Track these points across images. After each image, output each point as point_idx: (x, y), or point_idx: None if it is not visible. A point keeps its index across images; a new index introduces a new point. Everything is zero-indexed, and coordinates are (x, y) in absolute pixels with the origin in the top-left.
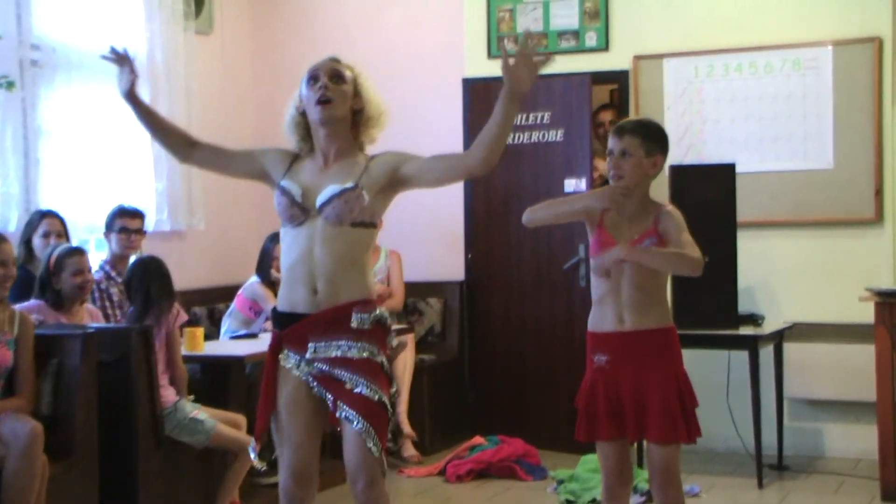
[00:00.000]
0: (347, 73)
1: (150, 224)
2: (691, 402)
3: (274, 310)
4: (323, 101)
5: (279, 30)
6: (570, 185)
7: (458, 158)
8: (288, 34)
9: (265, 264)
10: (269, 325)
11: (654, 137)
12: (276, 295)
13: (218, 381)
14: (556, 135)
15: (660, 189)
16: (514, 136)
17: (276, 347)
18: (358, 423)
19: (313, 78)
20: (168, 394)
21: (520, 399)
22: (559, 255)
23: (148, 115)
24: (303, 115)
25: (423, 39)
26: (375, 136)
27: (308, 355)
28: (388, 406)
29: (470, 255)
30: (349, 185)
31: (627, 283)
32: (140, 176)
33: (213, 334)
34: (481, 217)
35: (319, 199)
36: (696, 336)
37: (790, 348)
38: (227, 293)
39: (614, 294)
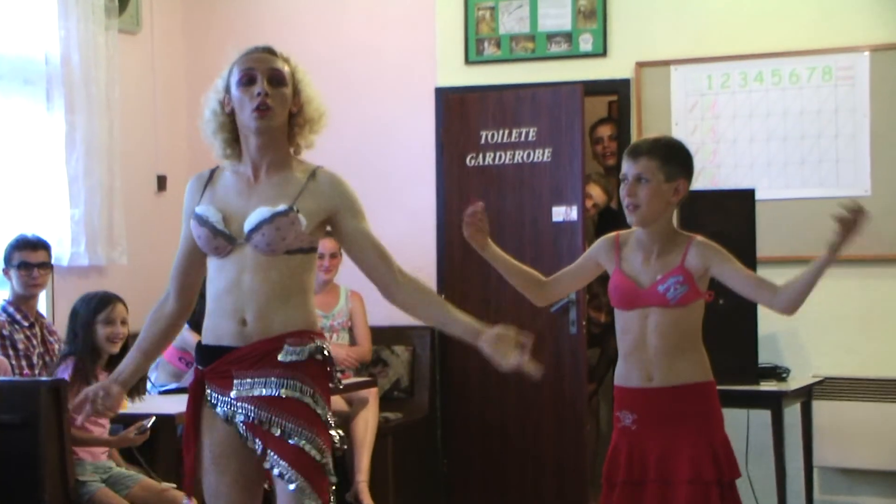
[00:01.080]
0: (286, 71)
1: (64, 257)
2: (731, 473)
3: (197, 345)
4: (261, 109)
5: (218, 28)
6: (560, 213)
7: (389, 273)
8: (228, 33)
9: (197, 307)
10: None
11: (675, 159)
12: None
13: (143, 444)
14: (543, 154)
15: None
16: (494, 156)
17: (197, 388)
18: (292, 479)
19: (248, 78)
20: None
21: (500, 466)
22: None
23: None
24: (229, 114)
25: (389, 43)
26: (313, 142)
27: (233, 394)
28: (328, 467)
29: (443, 297)
30: (281, 207)
31: (654, 332)
32: (52, 201)
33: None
34: (456, 252)
35: (247, 225)
36: None
37: (820, 407)
38: None
39: (640, 347)
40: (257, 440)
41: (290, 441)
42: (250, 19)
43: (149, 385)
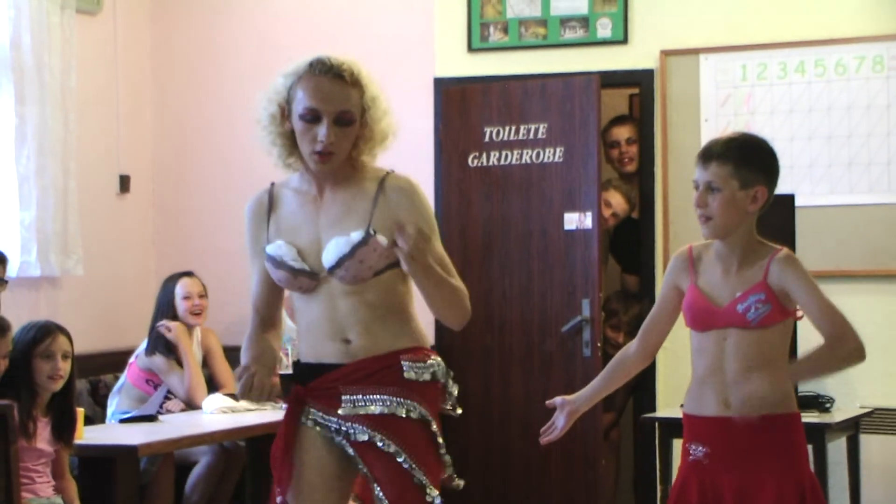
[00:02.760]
0: (355, 104)
1: (12, 267)
2: None
3: (296, 363)
4: (323, 154)
5: (189, 10)
6: (573, 221)
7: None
8: (200, 16)
9: (167, 313)
10: (171, 404)
11: (752, 162)
12: (179, 363)
13: (101, 479)
14: (553, 154)
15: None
16: (499, 156)
17: (295, 407)
18: None
19: (312, 116)
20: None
21: (502, 501)
22: (556, 313)
23: None
24: (289, 127)
25: (382, 28)
26: (377, 156)
27: (341, 411)
28: (432, 498)
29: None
30: (358, 236)
31: (733, 356)
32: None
33: (97, 416)
34: (456, 263)
35: (326, 261)
36: None
37: (868, 442)
38: (115, 361)
39: (716, 371)
40: (363, 466)
41: (403, 464)
42: (224, 2)
43: (108, 411)
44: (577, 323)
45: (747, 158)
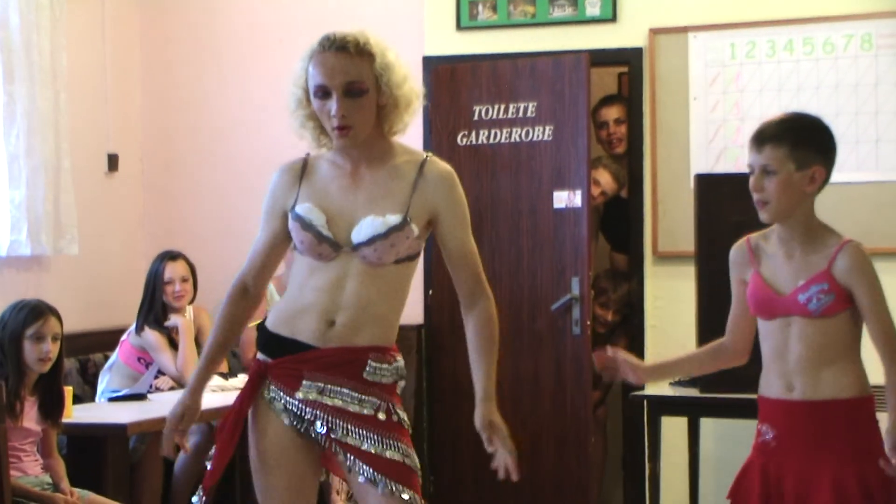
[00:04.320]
0: (364, 75)
1: (2, 247)
2: (884, 501)
3: (263, 329)
4: (341, 129)
5: None
6: (562, 199)
7: (467, 297)
8: None
9: (155, 296)
10: (161, 381)
11: (808, 142)
12: (170, 342)
13: (90, 458)
14: (543, 133)
15: (683, 206)
16: (489, 134)
17: (256, 381)
18: (380, 482)
19: (322, 93)
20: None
21: (493, 486)
22: (546, 292)
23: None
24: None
25: (370, 6)
26: (407, 126)
27: (299, 395)
28: (414, 462)
29: (430, 293)
30: (395, 220)
31: (797, 342)
32: None
33: (86, 395)
34: None
35: (356, 236)
36: (725, 403)
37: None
38: (106, 339)
39: (781, 356)
40: (338, 448)
41: (372, 451)
42: None
43: (98, 390)
44: (567, 301)
45: (803, 138)
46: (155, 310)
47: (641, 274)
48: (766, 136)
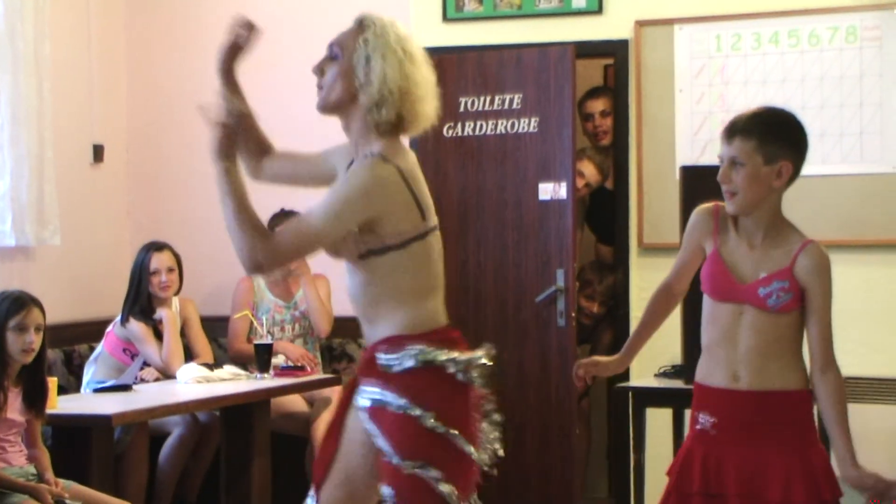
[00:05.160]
0: (345, 42)
1: None
2: (832, 493)
3: None
4: (318, 88)
5: None
6: (547, 191)
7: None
8: None
9: (141, 287)
10: (147, 373)
11: (776, 136)
12: (155, 333)
13: (75, 449)
14: (528, 124)
15: (669, 198)
16: (474, 126)
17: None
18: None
19: None
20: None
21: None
22: (531, 284)
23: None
24: None
25: None
26: (389, 122)
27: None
28: (431, 481)
29: None
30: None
31: (748, 330)
32: None
33: (71, 386)
34: None
35: None
36: None
37: None
38: (91, 330)
39: (728, 343)
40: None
41: (383, 459)
42: None
43: (84, 381)
44: (552, 293)
45: (772, 133)
46: (140, 301)
47: (627, 265)
48: (736, 129)
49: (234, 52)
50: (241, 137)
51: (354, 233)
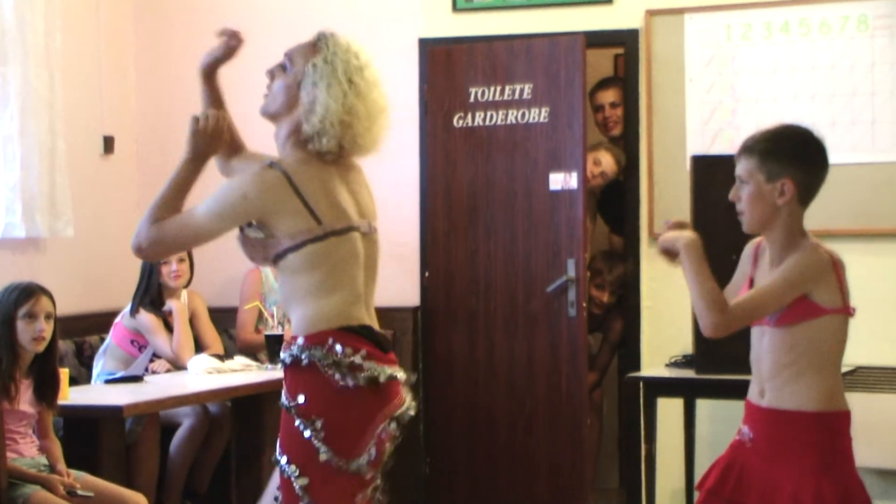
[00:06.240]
0: (296, 57)
1: None
2: None
3: None
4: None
5: None
6: (558, 181)
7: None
8: None
9: (151, 278)
10: (157, 364)
11: (778, 154)
12: (165, 323)
13: (86, 440)
14: (538, 115)
15: (679, 187)
16: (484, 116)
17: None
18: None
19: None
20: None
21: (488, 467)
22: (541, 274)
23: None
24: None
25: None
26: (331, 150)
27: None
28: (299, 485)
29: (426, 275)
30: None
31: (767, 351)
32: None
33: (82, 377)
34: (440, 225)
35: None
36: (720, 384)
37: (852, 400)
38: (102, 322)
39: (756, 362)
40: None
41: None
42: None
43: (94, 372)
44: (562, 283)
45: (774, 150)
46: (151, 292)
47: (637, 255)
48: (743, 148)
49: (219, 60)
50: (219, 144)
51: (262, 238)
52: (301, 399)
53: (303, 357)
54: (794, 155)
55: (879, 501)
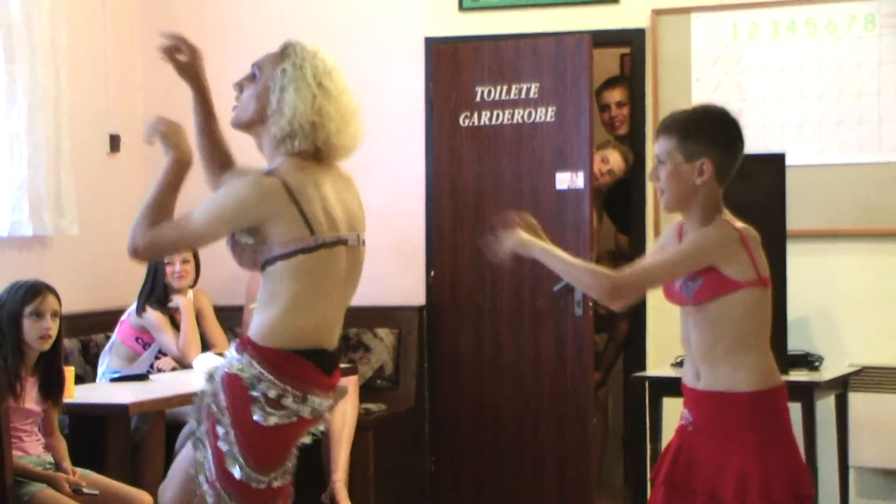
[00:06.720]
0: (265, 65)
1: (3, 227)
2: (784, 494)
3: None
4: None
5: None
6: (564, 180)
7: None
8: None
9: (157, 277)
10: (163, 362)
11: (696, 134)
12: (171, 321)
13: (92, 438)
14: (545, 114)
15: None
16: (491, 115)
17: None
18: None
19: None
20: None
21: (494, 465)
22: (548, 273)
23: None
24: None
25: None
26: (304, 151)
27: None
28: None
29: (432, 273)
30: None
31: (693, 331)
32: None
33: (88, 375)
34: (447, 223)
35: None
36: None
37: (857, 400)
38: (107, 320)
39: (686, 344)
40: None
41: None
42: None
43: (99, 371)
44: (568, 282)
45: (691, 131)
46: (157, 290)
47: (643, 254)
48: (660, 128)
49: (182, 68)
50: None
51: (252, 244)
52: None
53: (241, 372)
54: (713, 135)
55: (884, 501)
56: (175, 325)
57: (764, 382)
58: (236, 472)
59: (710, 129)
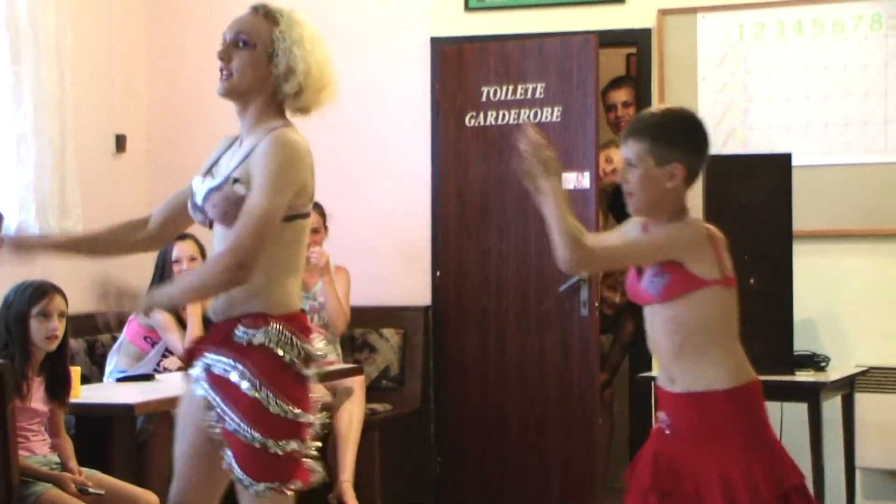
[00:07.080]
0: (258, 32)
1: (10, 226)
2: (773, 492)
3: None
4: (221, 71)
5: None
6: (570, 180)
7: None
8: None
9: (164, 276)
10: (169, 362)
11: (667, 138)
12: (179, 320)
13: (98, 438)
14: (551, 114)
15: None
16: (497, 115)
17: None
18: (233, 470)
19: (222, 41)
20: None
21: (499, 466)
22: (553, 274)
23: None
24: None
25: None
26: (308, 105)
27: (198, 364)
28: (277, 450)
29: (438, 274)
30: (217, 181)
31: (659, 331)
32: None
33: (93, 375)
34: (452, 224)
35: (200, 197)
36: None
37: (864, 401)
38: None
39: (654, 347)
40: (216, 423)
41: (228, 427)
42: None
43: (106, 370)
44: (575, 283)
45: (663, 135)
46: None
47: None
48: (630, 130)
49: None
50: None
51: (245, 194)
52: (263, 382)
53: (274, 341)
54: (684, 140)
55: (891, 503)
56: (182, 324)
57: (739, 378)
58: (272, 408)
59: (681, 134)
